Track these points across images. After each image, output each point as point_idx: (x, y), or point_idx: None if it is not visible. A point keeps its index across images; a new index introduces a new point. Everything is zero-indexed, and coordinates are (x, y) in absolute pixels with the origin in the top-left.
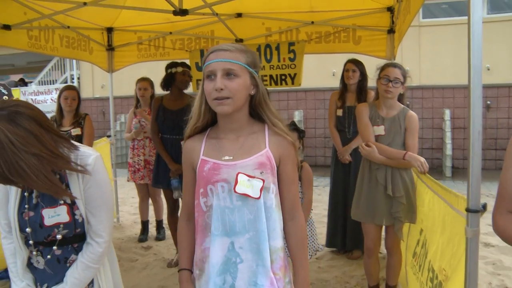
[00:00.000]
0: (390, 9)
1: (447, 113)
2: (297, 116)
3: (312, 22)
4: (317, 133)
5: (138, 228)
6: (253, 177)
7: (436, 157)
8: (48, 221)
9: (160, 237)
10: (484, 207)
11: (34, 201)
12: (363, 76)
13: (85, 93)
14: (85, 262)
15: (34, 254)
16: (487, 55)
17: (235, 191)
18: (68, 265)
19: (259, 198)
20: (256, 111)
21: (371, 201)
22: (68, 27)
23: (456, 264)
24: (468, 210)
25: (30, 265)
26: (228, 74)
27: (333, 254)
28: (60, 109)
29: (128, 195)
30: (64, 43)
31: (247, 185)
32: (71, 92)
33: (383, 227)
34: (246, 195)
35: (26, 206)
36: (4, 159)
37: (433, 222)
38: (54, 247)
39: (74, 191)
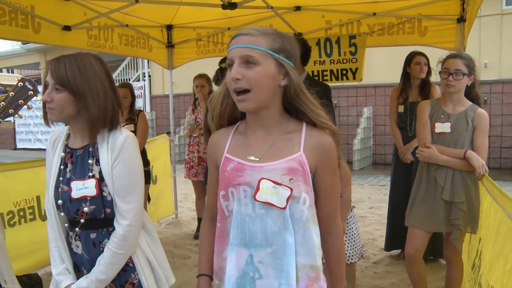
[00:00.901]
0: None
1: None
2: (366, 112)
3: (374, 14)
4: (386, 130)
5: (195, 225)
6: (280, 184)
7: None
8: (75, 193)
9: None
10: None
11: (68, 175)
12: (428, 69)
13: (155, 91)
14: (110, 247)
15: (73, 238)
16: None
17: (255, 199)
18: (101, 249)
19: (284, 208)
20: (294, 105)
21: (428, 205)
22: (127, 25)
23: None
24: None
25: (71, 250)
26: (247, 62)
27: (391, 259)
28: None
29: (191, 191)
30: (123, 41)
31: (272, 193)
32: (122, 90)
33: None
34: (269, 204)
35: (61, 178)
36: (82, 74)
37: (487, 231)
38: (82, 220)
39: (103, 166)
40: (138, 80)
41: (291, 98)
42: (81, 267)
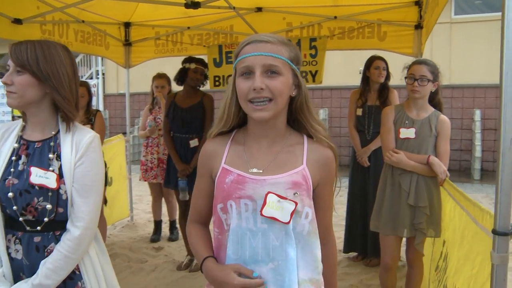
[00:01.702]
0: (418, 3)
1: (478, 114)
2: (322, 114)
3: (335, 17)
4: (342, 132)
5: (151, 228)
6: (285, 198)
7: (465, 159)
8: (34, 179)
9: (173, 237)
10: None
11: (20, 167)
12: (387, 73)
13: (109, 89)
14: (61, 251)
15: (12, 242)
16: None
17: (261, 214)
18: (46, 254)
19: (288, 223)
20: (296, 116)
21: (394, 210)
22: (83, 21)
23: None
24: (495, 232)
25: (8, 255)
26: (270, 71)
27: (350, 260)
28: None
29: (146, 193)
30: (79, 38)
31: (277, 207)
32: (79, 89)
33: (403, 240)
34: (273, 219)
35: (12, 170)
36: (46, 57)
37: (453, 234)
38: (39, 228)
39: (64, 162)
40: (91, 78)
41: (295, 109)
42: (19, 273)
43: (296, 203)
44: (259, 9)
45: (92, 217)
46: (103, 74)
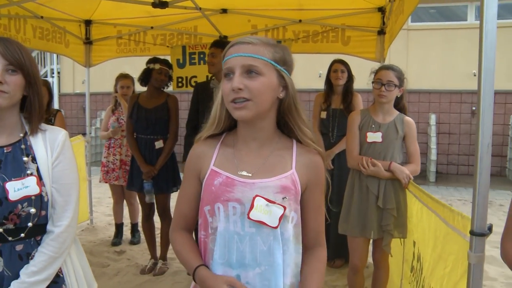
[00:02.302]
0: (381, 10)
1: (433, 118)
2: None
3: (300, 21)
4: None
5: (112, 231)
6: (274, 202)
7: (421, 162)
8: (14, 195)
9: (134, 241)
10: (490, 229)
11: None
12: (350, 77)
13: (65, 88)
14: (46, 252)
15: None
16: (474, 61)
17: (249, 217)
18: (29, 261)
19: (276, 227)
20: (284, 119)
21: (362, 213)
22: (42, 17)
23: None
24: (472, 233)
25: None
26: (249, 71)
27: None
28: None
29: (105, 195)
30: (37, 34)
31: (265, 211)
32: None
33: (370, 242)
34: (261, 223)
35: None
36: (31, 59)
37: (423, 235)
38: (23, 234)
39: (41, 164)
40: (46, 77)
41: (283, 111)
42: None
43: (285, 208)
44: (224, 11)
45: (74, 215)
46: (58, 72)
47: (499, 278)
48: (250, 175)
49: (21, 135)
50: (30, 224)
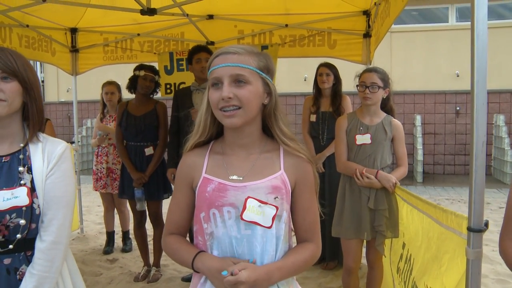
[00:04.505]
0: (366, 13)
1: (418, 119)
2: None
3: (286, 25)
4: None
5: (103, 239)
6: (266, 203)
7: (408, 163)
8: (2, 205)
9: (126, 248)
10: (487, 225)
11: None
12: (337, 80)
13: (49, 97)
14: (34, 272)
15: None
16: (456, 61)
17: (242, 218)
18: (18, 277)
19: (270, 227)
20: (266, 123)
21: (355, 215)
22: (27, 26)
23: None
24: (470, 229)
25: None
26: (237, 80)
27: None
28: None
29: (94, 203)
30: (23, 43)
31: (258, 212)
32: None
33: (364, 243)
34: (255, 223)
35: None
36: (27, 65)
37: (416, 237)
38: (11, 246)
39: (36, 175)
40: None
41: (265, 117)
42: None
43: (277, 208)
44: (210, 17)
45: (63, 230)
46: (42, 81)
47: (490, 274)
48: (241, 178)
49: (22, 144)
50: (19, 236)
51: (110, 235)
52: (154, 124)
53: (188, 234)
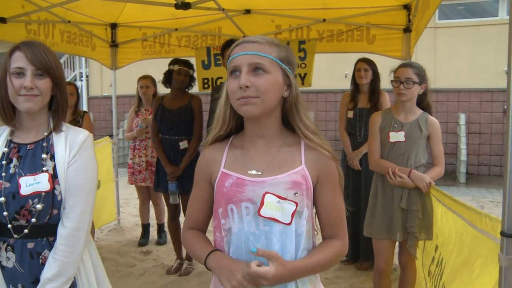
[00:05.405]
0: (406, 7)
1: (462, 118)
2: None
3: (324, 20)
4: (328, 136)
5: (139, 231)
6: (285, 198)
7: (450, 162)
8: (25, 190)
9: (161, 241)
10: None
11: (11, 170)
12: (376, 75)
13: (93, 91)
14: (56, 257)
15: (2, 249)
16: (505, 58)
17: (259, 214)
18: (40, 261)
19: (289, 224)
20: (287, 117)
21: (387, 215)
22: (69, 21)
23: None
24: (503, 234)
25: None
26: (256, 69)
27: (341, 263)
28: None
29: (132, 196)
30: (65, 38)
31: (276, 208)
32: (68, 88)
33: (396, 244)
34: (274, 220)
35: (3, 174)
36: (57, 61)
37: (449, 239)
38: (26, 230)
39: (58, 162)
40: (75, 80)
41: (286, 110)
42: (13, 282)
43: (297, 204)
44: (247, 11)
45: (84, 217)
46: (87, 76)
47: None
48: (259, 173)
49: (46, 133)
50: (34, 220)
51: (146, 227)
52: (188, 118)
53: None
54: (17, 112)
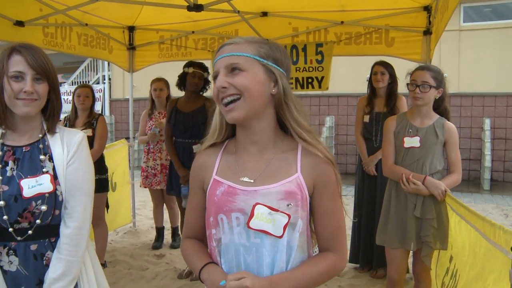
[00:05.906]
0: (426, 8)
1: (487, 123)
2: (329, 122)
3: (342, 22)
4: (348, 140)
5: (154, 234)
6: (277, 210)
7: (474, 168)
8: (28, 192)
9: (175, 244)
10: None
11: (9, 173)
12: (393, 79)
13: (115, 94)
14: (61, 257)
15: (4, 254)
16: None
17: (248, 226)
18: (44, 262)
19: (281, 237)
20: (280, 116)
21: (400, 223)
22: (86, 24)
23: None
24: None
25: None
26: (233, 69)
27: (356, 271)
28: (75, 109)
29: (149, 198)
30: (82, 41)
31: (267, 220)
32: (83, 90)
33: (410, 254)
34: (264, 232)
35: (0, 178)
36: (52, 65)
37: (463, 251)
38: (30, 232)
39: (57, 163)
40: (98, 83)
41: (276, 108)
42: (17, 286)
43: (289, 216)
44: (264, 14)
45: (86, 216)
46: (109, 79)
47: None
48: (252, 181)
49: (40, 135)
50: (38, 221)
51: (160, 231)
52: (202, 121)
53: None
54: (9, 115)
